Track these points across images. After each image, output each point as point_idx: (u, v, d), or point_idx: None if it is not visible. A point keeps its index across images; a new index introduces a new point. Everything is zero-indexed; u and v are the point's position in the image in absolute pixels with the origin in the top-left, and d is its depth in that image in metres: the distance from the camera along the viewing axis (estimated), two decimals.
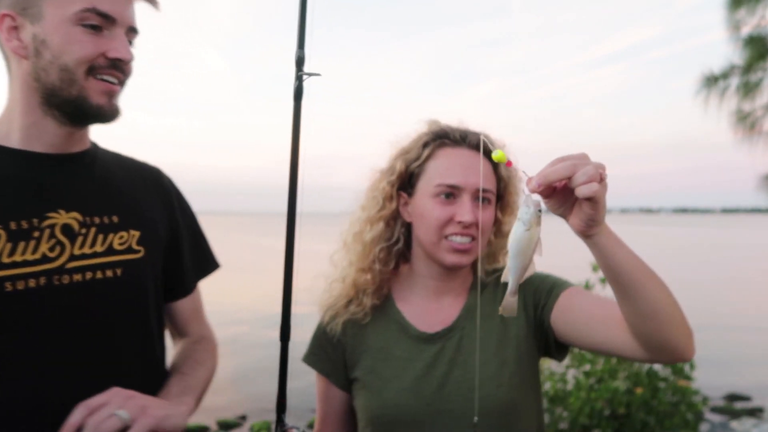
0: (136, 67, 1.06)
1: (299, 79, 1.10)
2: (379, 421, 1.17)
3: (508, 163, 0.93)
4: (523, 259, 0.89)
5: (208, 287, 1.34)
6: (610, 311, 1.02)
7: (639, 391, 3.42)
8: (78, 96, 0.99)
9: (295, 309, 1.19)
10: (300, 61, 1.11)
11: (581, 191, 0.81)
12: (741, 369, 8.00)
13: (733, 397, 6.87)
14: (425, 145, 1.22)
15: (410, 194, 1.24)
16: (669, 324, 0.92)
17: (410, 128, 1.28)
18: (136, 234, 1.10)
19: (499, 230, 1.25)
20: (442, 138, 1.22)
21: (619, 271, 0.90)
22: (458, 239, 1.16)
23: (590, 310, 1.09)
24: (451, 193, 1.17)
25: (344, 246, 1.30)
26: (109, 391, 0.91)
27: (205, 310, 1.33)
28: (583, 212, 0.85)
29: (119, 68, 1.03)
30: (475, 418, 1.03)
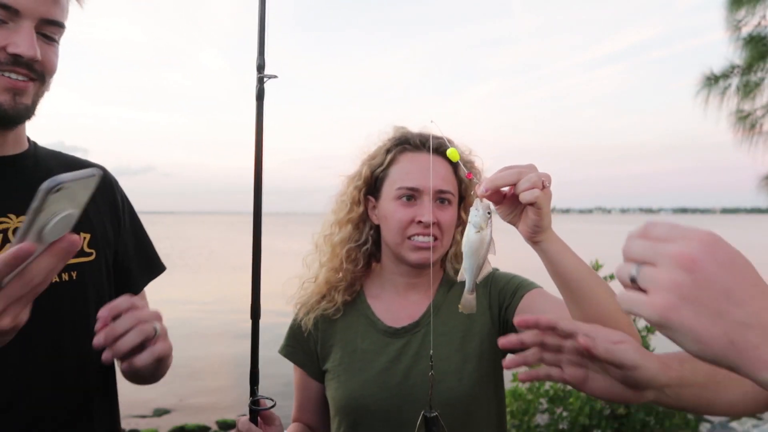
0: (140, 67, 1.01)
1: (260, 82, 1.14)
2: (346, 411, 1.24)
3: (468, 175, 0.99)
4: (477, 259, 0.95)
5: (208, 287, 1.33)
6: (564, 313, 1.04)
7: None
8: None
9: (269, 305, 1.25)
10: (260, 67, 1.16)
11: (524, 197, 0.86)
12: None
13: None
14: (388, 150, 1.30)
15: (377, 198, 1.32)
16: (613, 326, 0.91)
17: (376, 136, 1.35)
18: (87, 236, 1.08)
19: (463, 230, 1.27)
20: (403, 144, 1.29)
21: (565, 276, 0.94)
22: (420, 238, 1.23)
23: (547, 312, 1.13)
24: (411, 195, 1.24)
25: (316, 248, 1.37)
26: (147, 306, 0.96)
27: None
28: (529, 218, 0.91)
29: (25, 64, 0.93)
30: (431, 409, 1.08)
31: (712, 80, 8.26)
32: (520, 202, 0.89)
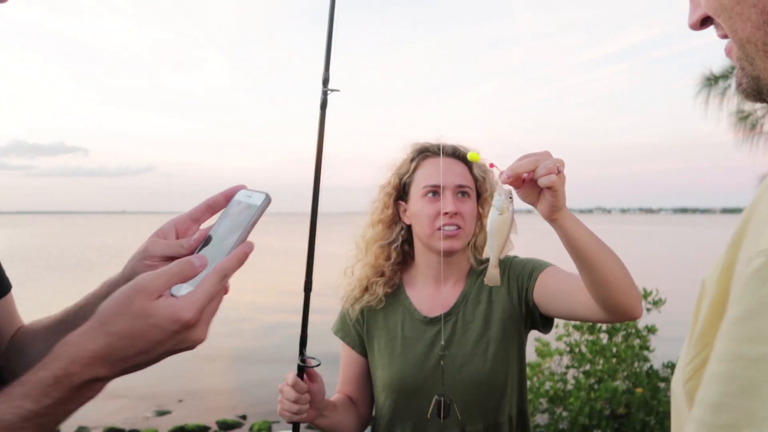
0: (140, 67, 0.95)
1: (324, 94, 1.40)
2: (391, 388, 1.45)
3: (491, 165, 1.14)
4: (500, 238, 1.11)
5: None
6: (576, 284, 1.22)
7: (639, 391, 3.42)
8: None
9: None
10: (326, 81, 1.40)
11: (542, 181, 1.01)
12: None
13: None
14: (412, 159, 1.51)
15: (406, 201, 1.52)
16: (620, 289, 1.12)
17: (400, 149, 1.58)
18: None
19: (482, 222, 1.48)
20: (423, 152, 1.51)
21: (578, 246, 1.09)
22: (447, 228, 1.41)
23: (561, 285, 1.33)
24: (435, 192, 1.44)
25: (356, 246, 1.57)
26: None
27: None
28: (546, 200, 1.05)
29: None
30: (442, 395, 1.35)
31: (712, 80, 8.25)
32: (538, 185, 1.02)
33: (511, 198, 1.10)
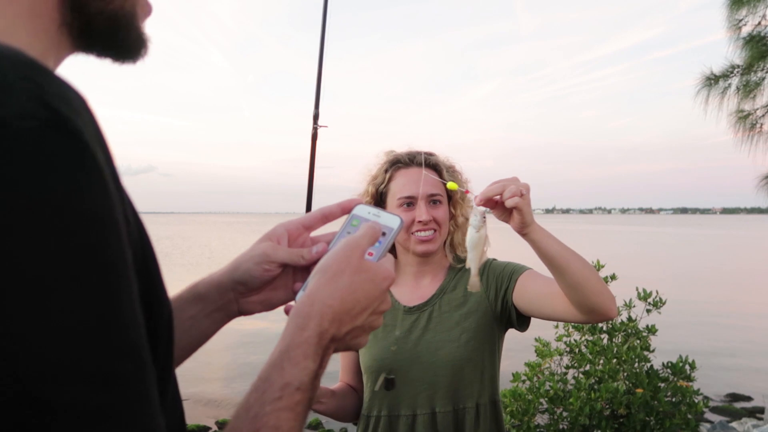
0: (140, 67, 0.99)
1: (315, 130, 1.68)
2: (370, 370, 1.59)
3: (466, 191, 1.52)
4: (477, 251, 1.31)
5: None
6: (554, 288, 1.34)
7: (639, 391, 3.42)
8: None
9: None
10: (316, 117, 1.69)
11: (508, 203, 1.19)
12: (742, 369, 7.99)
13: (733, 397, 6.86)
14: (386, 170, 1.64)
15: (384, 208, 1.61)
16: (592, 291, 1.25)
17: (375, 159, 1.71)
18: None
19: (455, 222, 1.65)
20: (396, 163, 1.64)
21: (549, 256, 1.25)
22: (421, 233, 1.57)
23: (540, 289, 1.43)
24: (410, 202, 1.58)
25: None
26: None
27: None
28: (515, 218, 1.23)
29: None
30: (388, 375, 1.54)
31: (712, 80, 8.24)
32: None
33: (484, 218, 1.28)
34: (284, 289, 0.74)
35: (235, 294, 0.72)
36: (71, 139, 0.33)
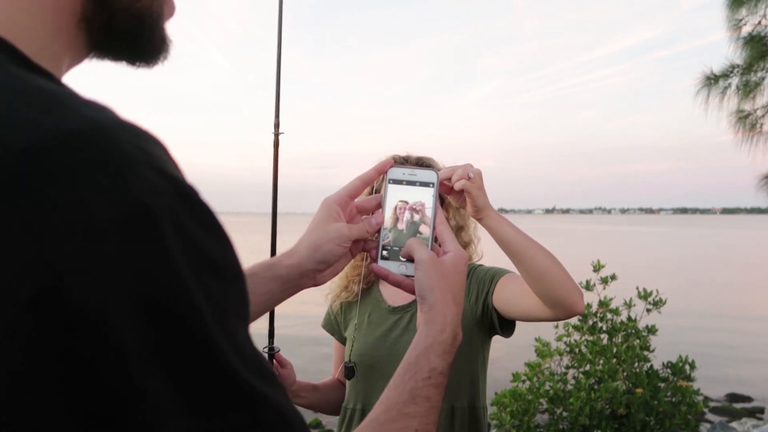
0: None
1: (276, 137, 1.69)
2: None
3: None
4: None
5: None
6: (525, 286, 1.34)
7: (639, 391, 3.42)
8: None
9: None
10: (276, 125, 1.69)
11: (456, 186, 1.21)
12: (742, 369, 8.00)
13: (733, 398, 6.86)
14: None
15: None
16: (554, 283, 1.26)
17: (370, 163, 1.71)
18: None
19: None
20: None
21: (507, 244, 1.27)
22: None
23: (516, 288, 1.44)
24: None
25: None
26: None
27: None
28: (468, 202, 1.24)
29: None
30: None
31: (712, 80, 8.24)
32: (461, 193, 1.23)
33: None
34: (347, 257, 0.84)
35: (314, 272, 0.81)
36: (204, 202, 0.39)
